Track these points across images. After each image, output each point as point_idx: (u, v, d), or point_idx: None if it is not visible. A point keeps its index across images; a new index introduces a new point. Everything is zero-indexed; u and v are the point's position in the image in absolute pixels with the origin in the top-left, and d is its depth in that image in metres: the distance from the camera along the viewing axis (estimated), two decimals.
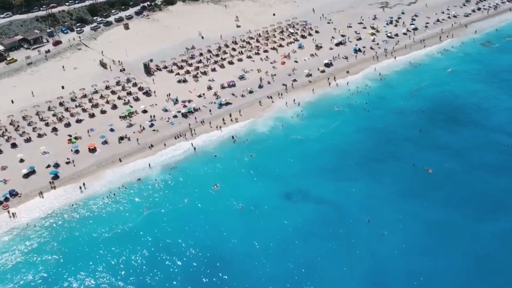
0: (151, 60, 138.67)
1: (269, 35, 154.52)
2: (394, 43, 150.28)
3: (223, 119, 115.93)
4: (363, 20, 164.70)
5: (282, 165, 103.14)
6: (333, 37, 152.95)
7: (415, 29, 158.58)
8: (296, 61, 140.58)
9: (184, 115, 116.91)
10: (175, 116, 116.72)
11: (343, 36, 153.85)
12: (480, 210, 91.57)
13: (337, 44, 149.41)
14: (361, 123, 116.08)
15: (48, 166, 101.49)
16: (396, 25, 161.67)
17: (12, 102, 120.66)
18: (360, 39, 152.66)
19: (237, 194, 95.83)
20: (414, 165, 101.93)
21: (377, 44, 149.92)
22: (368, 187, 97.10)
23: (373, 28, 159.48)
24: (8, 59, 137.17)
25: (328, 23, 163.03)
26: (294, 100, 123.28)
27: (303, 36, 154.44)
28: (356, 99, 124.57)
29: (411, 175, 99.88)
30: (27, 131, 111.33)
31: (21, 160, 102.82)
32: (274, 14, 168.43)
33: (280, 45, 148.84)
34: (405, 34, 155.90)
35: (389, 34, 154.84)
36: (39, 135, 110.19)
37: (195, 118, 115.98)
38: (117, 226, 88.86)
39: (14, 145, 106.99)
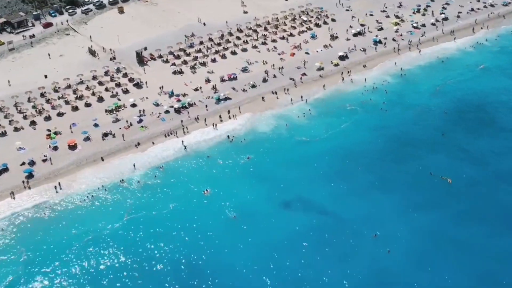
0: (145, 48, 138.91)
1: (279, 22, 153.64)
2: (420, 35, 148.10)
3: (220, 116, 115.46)
4: (386, 7, 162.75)
5: (282, 169, 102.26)
6: (351, 26, 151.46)
7: (445, 19, 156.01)
8: (307, 53, 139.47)
9: (177, 111, 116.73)
10: (166, 112, 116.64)
11: (362, 25, 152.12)
12: (503, 226, 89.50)
13: (355, 35, 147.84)
14: (376, 124, 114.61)
15: (23, 163, 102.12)
16: (423, 14, 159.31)
17: None
18: (381, 29, 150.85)
19: (229, 201, 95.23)
20: (432, 173, 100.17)
21: (401, 35, 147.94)
22: (378, 197, 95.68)
23: (397, 17, 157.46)
24: None
25: (347, 10, 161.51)
26: (301, 97, 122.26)
27: (317, 25, 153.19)
28: (371, 97, 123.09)
29: (428, 184, 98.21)
30: (3, 124, 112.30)
31: None
32: None
33: (291, 34, 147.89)
34: (433, 24, 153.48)
35: (414, 24, 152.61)
36: (16, 129, 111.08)
37: (188, 113, 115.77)
38: (92, 232, 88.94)
39: None
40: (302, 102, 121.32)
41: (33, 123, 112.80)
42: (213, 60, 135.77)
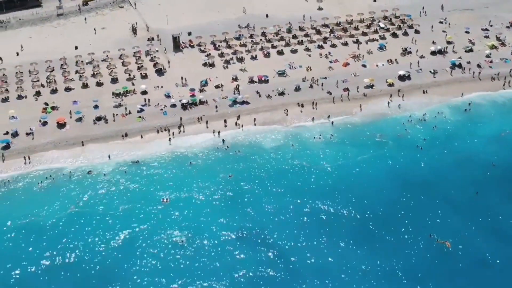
0: (189, 33, 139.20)
1: (350, 25, 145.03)
2: None
3: (225, 121, 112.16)
4: (491, 25, 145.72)
5: (260, 195, 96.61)
6: (433, 42, 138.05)
7: None
8: (364, 65, 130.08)
9: (184, 107, 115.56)
10: (173, 105, 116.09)
11: (449, 43, 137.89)
12: None
13: (433, 53, 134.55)
14: (399, 164, 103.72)
15: (7, 133, 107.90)
16: None
17: (17, 54, 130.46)
18: (470, 50, 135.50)
19: (186, 219, 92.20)
20: (431, 235, 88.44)
21: (491, 61, 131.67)
22: (349, 254, 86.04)
23: (498, 39, 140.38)
24: None
25: (440, 22, 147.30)
26: (328, 117, 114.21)
27: (394, 35, 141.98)
28: (412, 130, 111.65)
29: (419, 247, 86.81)
30: (11, 89, 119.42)
31: None
32: (375, 0, 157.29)
33: (357, 41, 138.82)
34: None
35: None
36: (19, 97, 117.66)
37: (188, 111, 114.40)
38: (31, 216, 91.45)
39: None
40: (327, 122, 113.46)
41: (38, 93, 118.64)
42: (254, 58, 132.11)
